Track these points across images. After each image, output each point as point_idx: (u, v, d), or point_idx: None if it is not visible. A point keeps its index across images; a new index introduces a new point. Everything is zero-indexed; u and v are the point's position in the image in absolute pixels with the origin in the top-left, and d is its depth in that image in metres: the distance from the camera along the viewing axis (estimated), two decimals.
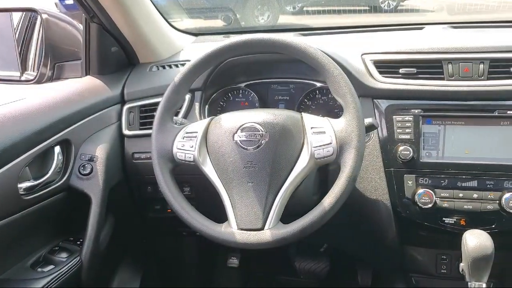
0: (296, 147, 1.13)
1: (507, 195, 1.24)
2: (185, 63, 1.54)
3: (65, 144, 1.36)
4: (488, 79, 1.30)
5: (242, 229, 1.10)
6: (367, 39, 1.64)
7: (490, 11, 2.30)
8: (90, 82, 1.58)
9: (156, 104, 1.30)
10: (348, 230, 1.59)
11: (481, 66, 1.30)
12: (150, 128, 1.23)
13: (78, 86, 1.51)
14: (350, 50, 1.42)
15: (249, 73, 1.58)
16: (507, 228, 1.27)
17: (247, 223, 1.10)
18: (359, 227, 1.53)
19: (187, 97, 1.48)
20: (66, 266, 1.31)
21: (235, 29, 2.57)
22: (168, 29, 1.77)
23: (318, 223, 1.08)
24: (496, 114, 1.28)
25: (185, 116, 1.47)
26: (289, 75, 1.55)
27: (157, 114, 1.21)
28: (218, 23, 2.62)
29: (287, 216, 1.12)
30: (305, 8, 3.13)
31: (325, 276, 2.00)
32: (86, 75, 1.63)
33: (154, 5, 1.67)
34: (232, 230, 1.10)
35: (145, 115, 1.52)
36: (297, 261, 2.01)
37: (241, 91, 1.59)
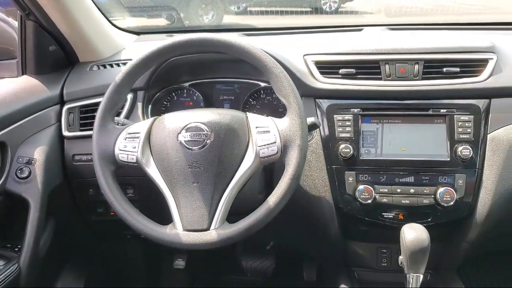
0: (241, 146, 1.14)
1: (441, 189, 1.31)
2: (126, 62, 1.51)
3: (0, 147, 1.30)
4: (423, 79, 1.36)
5: (187, 230, 1.09)
6: (309, 40, 1.67)
7: (425, 13, 2.42)
8: (26, 82, 1.51)
9: (97, 104, 1.27)
10: (293, 227, 1.61)
11: (416, 66, 1.36)
12: (91, 129, 1.20)
13: (14, 86, 1.44)
14: (292, 51, 1.45)
15: (193, 73, 1.57)
16: (441, 221, 1.34)
17: (192, 224, 1.09)
18: (303, 224, 1.56)
19: (129, 97, 1.45)
20: (3, 274, 1.25)
21: (178, 28, 2.54)
22: (109, 28, 1.72)
23: (264, 221, 1.09)
24: (430, 112, 1.35)
25: (127, 116, 1.45)
26: (234, 75, 1.56)
27: (98, 114, 1.18)
28: (161, 22, 2.58)
29: (233, 215, 1.13)
30: (249, 8, 3.15)
31: (271, 274, 2.02)
32: (23, 74, 1.56)
33: (94, 3, 1.62)
34: (177, 232, 1.10)
35: (86, 116, 1.48)
36: (243, 259, 2.02)
37: (185, 90, 1.58)
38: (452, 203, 1.30)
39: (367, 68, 1.39)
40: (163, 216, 1.15)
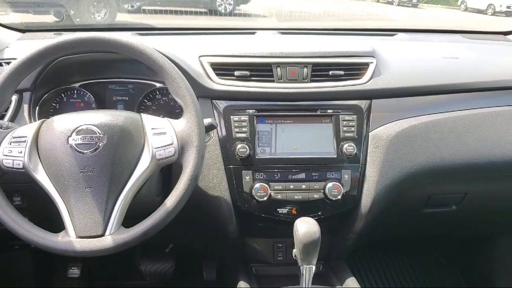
0: (137, 149, 1.12)
1: (329, 184, 1.39)
2: (10, 62, 1.41)
3: None
4: (311, 81, 1.44)
5: (81, 237, 1.05)
6: (204, 42, 1.69)
7: (313, 19, 2.55)
8: None
9: None
10: (193, 228, 1.62)
11: (305, 70, 1.44)
12: None
13: None
14: (188, 52, 1.46)
15: (84, 73, 1.51)
16: (330, 214, 1.43)
17: (86, 230, 1.06)
18: (202, 224, 1.57)
19: (14, 98, 1.36)
20: None
21: (68, 26, 2.41)
22: None
23: (161, 224, 1.09)
24: (319, 113, 1.44)
25: (12, 119, 1.35)
26: (128, 75, 1.52)
27: None
28: (49, 19, 2.43)
29: (130, 220, 1.11)
30: (143, 7, 3.08)
31: (171, 276, 2.01)
32: None
33: None
34: (70, 239, 1.05)
35: None
36: (142, 264, 1.99)
37: (75, 91, 1.51)
38: (339, 196, 1.39)
39: (261, 70, 1.43)
40: (55, 223, 1.10)
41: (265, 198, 1.38)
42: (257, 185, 1.38)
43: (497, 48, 1.87)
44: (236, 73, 1.43)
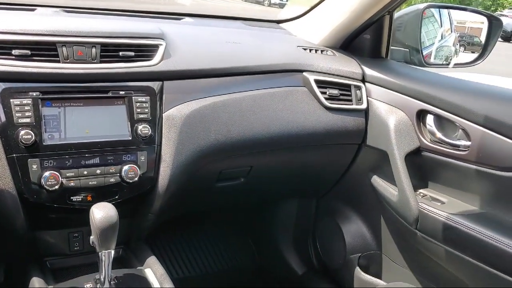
0: None
1: (125, 167, 1.39)
2: None
3: None
4: (101, 62, 1.39)
5: None
6: None
7: None
8: None
9: None
10: None
11: (94, 50, 1.38)
12: None
13: None
14: None
15: None
16: (128, 196, 1.43)
17: None
18: None
19: None
20: None
21: None
22: None
23: None
24: (110, 94, 1.41)
25: None
26: None
27: None
28: None
29: None
30: None
31: None
32: None
33: None
34: None
35: None
36: None
37: None
38: (136, 179, 1.39)
39: (43, 49, 1.33)
40: None
41: (56, 187, 1.30)
42: (46, 173, 1.29)
43: (272, 35, 2.09)
44: (15, 52, 1.30)
